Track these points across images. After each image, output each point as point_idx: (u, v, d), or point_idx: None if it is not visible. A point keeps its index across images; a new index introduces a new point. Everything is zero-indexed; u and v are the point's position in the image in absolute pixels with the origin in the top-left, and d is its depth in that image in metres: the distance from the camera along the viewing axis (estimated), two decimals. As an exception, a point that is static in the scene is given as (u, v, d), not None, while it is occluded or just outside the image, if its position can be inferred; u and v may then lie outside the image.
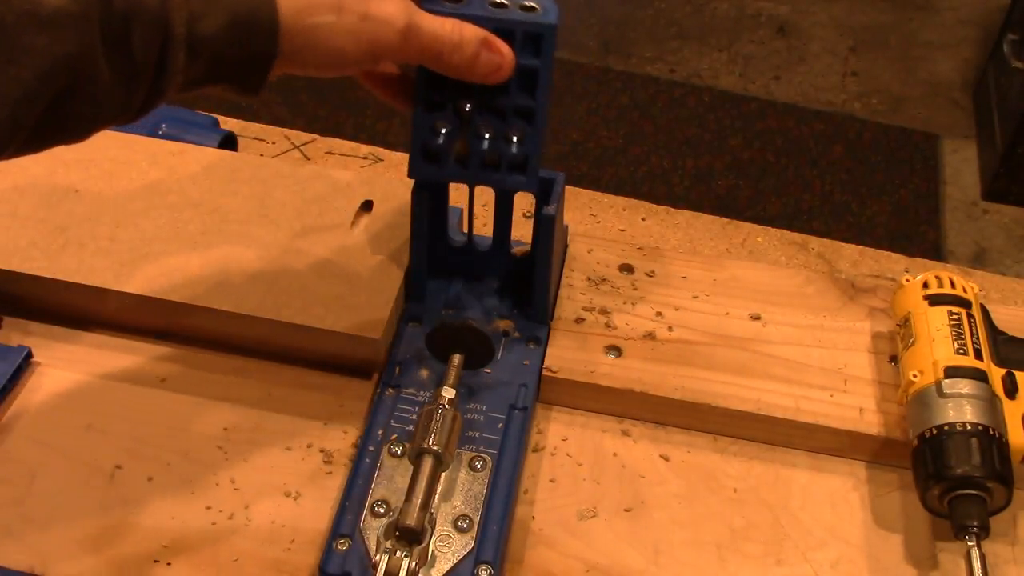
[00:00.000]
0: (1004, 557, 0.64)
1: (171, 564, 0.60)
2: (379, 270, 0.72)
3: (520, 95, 0.62)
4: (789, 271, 0.78)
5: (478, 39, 0.58)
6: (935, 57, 2.51)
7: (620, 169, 2.17)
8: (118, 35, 0.48)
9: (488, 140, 0.63)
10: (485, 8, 0.60)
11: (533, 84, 0.61)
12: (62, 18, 0.46)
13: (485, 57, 0.58)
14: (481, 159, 0.64)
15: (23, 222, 0.73)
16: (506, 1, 0.60)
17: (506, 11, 0.60)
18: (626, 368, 0.70)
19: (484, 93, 0.61)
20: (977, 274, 0.83)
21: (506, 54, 0.59)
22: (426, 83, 0.61)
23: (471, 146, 0.63)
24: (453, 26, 0.57)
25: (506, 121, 0.62)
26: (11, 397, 0.68)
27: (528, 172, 0.64)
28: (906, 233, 2.08)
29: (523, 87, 0.61)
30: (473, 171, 0.64)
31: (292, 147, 0.91)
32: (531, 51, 0.60)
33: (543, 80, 0.61)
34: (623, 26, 2.53)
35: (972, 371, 0.64)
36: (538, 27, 0.60)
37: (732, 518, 0.65)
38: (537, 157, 0.64)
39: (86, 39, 0.47)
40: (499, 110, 0.62)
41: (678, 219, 0.87)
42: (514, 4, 0.60)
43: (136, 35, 0.48)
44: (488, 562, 0.59)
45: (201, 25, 0.50)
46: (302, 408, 0.69)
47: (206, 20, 0.50)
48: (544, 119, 0.63)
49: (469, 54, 0.58)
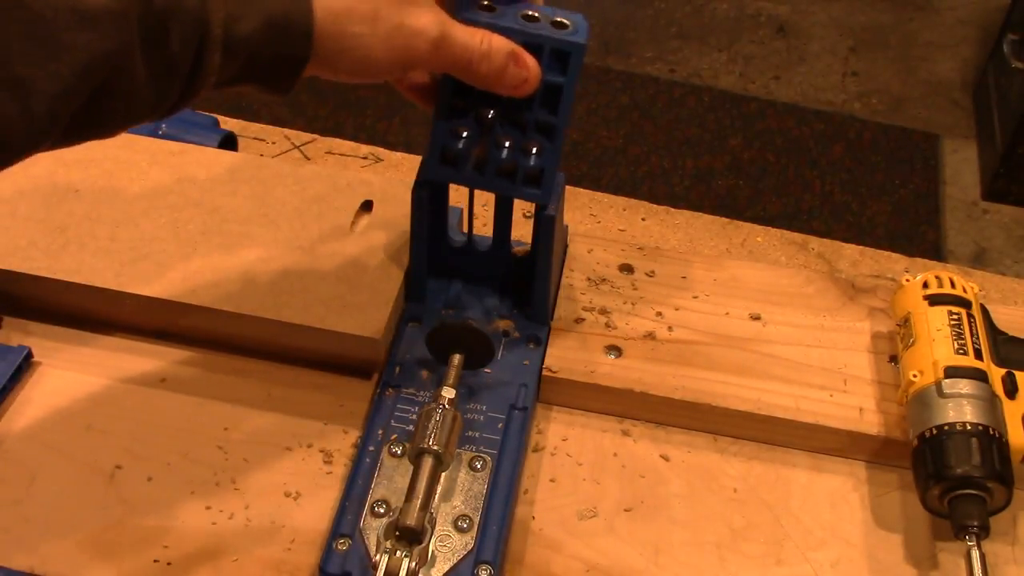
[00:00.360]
0: (1004, 557, 0.64)
1: (171, 564, 0.60)
2: (379, 270, 0.72)
3: (542, 110, 0.62)
4: (789, 271, 0.78)
5: (506, 52, 0.58)
6: (935, 57, 2.51)
7: (620, 169, 2.17)
8: (157, 34, 0.48)
9: (507, 150, 0.63)
10: (517, 21, 0.60)
11: (556, 100, 0.62)
12: (103, 15, 0.46)
13: (512, 70, 0.59)
14: (497, 167, 0.64)
15: (23, 222, 0.73)
16: (539, 15, 0.60)
17: (537, 25, 0.60)
18: (626, 368, 0.70)
19: (507, 104, 0.62)
20: (977, 274, 0.83)
21: (532, 68, 0.59)
22: (451, 88, 0.62)
23: (489, 154, 0.64)
24: (483, 37, 0.58)
25: (526, 134, 0.63)
26: (11, 397, 0.68)
27: (543, 186, 0.65)
28: (906, 233, 2.07)
29: (546, 103, 0.62)
30: (488, 178, 0.65)
31: (292, 147, 0.91)
32: (558, 68, 0.61)
33: (566, 97, 0.61)
34: (623, 26, 2.53)
35: (972, 371, 0.64)
36: (567, 45, 0.60)
37: (732, 518, 0.65)
38: (553, 172, 0.64)
39: (126, 37, 0.47)
40: (520, 122, 0.62)
41: (678, 219, 0.87)
42: (546, 19, 0.60)
43: (174, 34, 0.48)
44: (488, 562, 0.59)
45: (238, 26, 0.50)
46: (302, 408, 0.69)
47: (243, 21, 0.51)
48: (563, 135, 0.63)
49: (497, 66, 0.58)
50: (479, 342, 0.65)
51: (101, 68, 0.46)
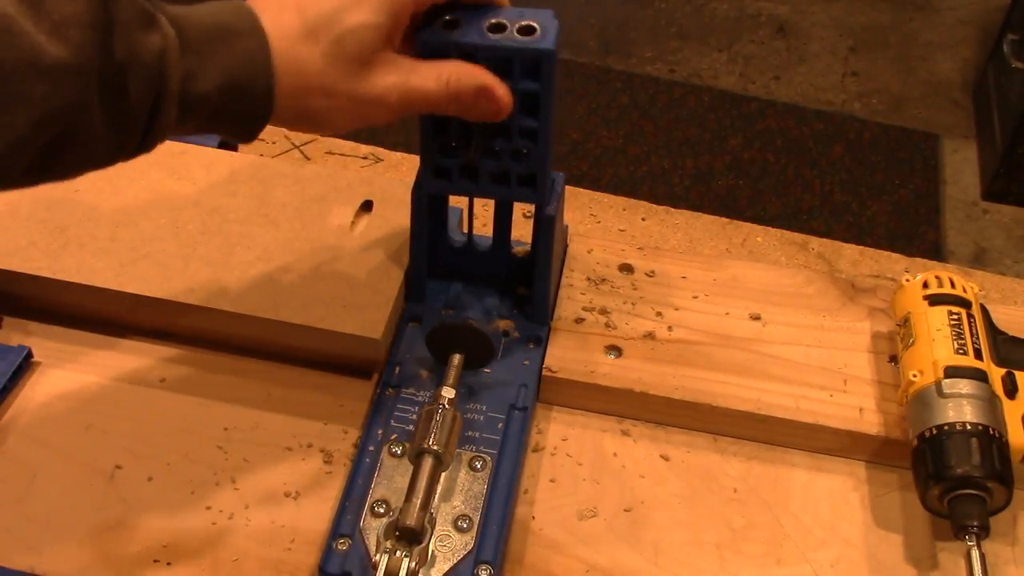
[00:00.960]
0: (1004, 557, 0.64)
1: (171, 564, 0.60)
2: (379, 270, 0.72)
3: (523, 117, 0.61)
4: (789, 271, 0.78)
5: (473, 90, 0.57)
6: (935, 57, 2.51)
7: (620, 169, 2.17)
8: (115, 87, 0.48)
9: (495, 158, 0.63)
10: (482, 35, 0.58)
11: (535, 107, 0.61)
12: (62, 69, 0.45)
13: (483, 105, 0.58)
14: (490, 174, 0.64)
15: (23, 222, 0.73)
16: (505, 22, 0.59)
17: (504, 36, 0.58)
18: (626, 368, 0.70)
19: None
20: (977, 274, 0.83)
21: (503, 99, 0.58)
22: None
23: (480, 162, 0.63)
24: (449, 77, 0.56)
25: (511, 140, 0.62)
26: (11, 397, 0.68)
27: (537, 186, 0.64)
28: (906, 233, 2.07)
29: (526, 109, 0.61)
30: (483, 185, 0.65)
31: (292, 147, 0.91)
32: (531, 76, 0.59)
33: (544, 102, 0.60)
34: (623, 26, 2.52)
35: (972, 371, 0.64)
36: (535, 54, 0.58)
37: (732, 518, 0.65)
38: (545, 173, 0.64)
39: (84, 90, 0.47)
40: (504, 129, 0.62)
41: (678, 219, 0.87)
42: (513, 25, 0.58)
43: (132, 87, 0.48)
44: (488, 562, 0.59)
45: (197, 83, 0.51)
46: (302, 408, 0.69)
47: (202, 79, 0.51)
48: (548, 136, 0.62)
49: (466, 104, 0.57)
50: (479, 342, 0.65)
51: (57, 120, 0.46)
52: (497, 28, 0.58)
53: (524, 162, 0.63)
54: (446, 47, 0.58)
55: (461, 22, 0.58)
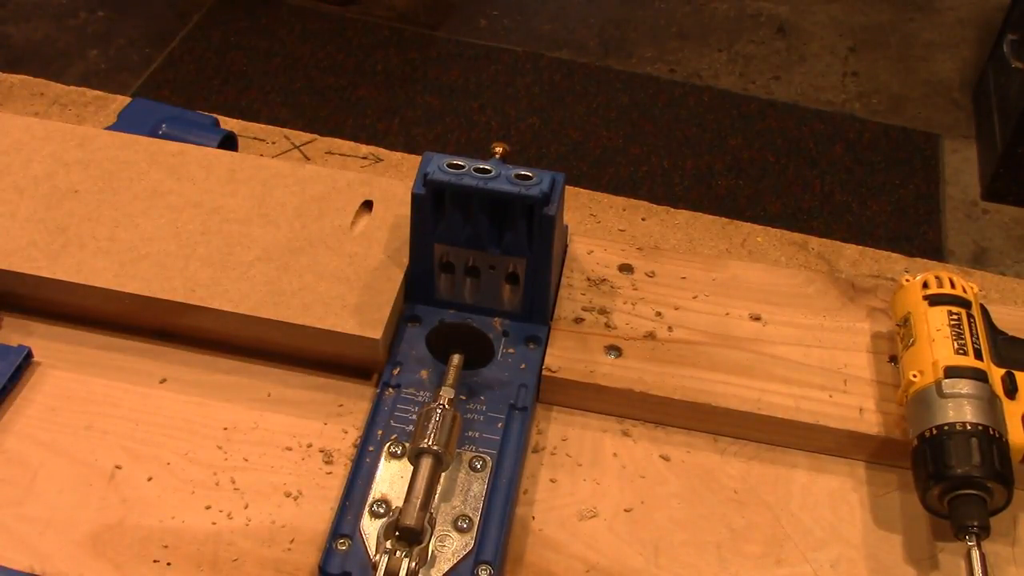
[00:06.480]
0: (1004, 557, 0.64)
1: (171, 564, 0.60)
2: (379, 270, 0.72)
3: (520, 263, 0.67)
4: (789, 271, 0.78)
5: None
6: (935, 57, 2.51)
7: (620, 169, 2.17)
8: None
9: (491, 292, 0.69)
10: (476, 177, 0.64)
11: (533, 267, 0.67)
12: None
13: None
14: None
15: (23, 222, 0.73)
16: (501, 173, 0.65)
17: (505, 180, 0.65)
18: (626, 368, 0.70)
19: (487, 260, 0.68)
20: (977, 274, 0.83)
21: None
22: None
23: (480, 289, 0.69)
24: None
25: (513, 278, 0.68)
26: (11, 397, 0.68)
27: (538, 314, 0.71)
28: (906, 233, 2.07)
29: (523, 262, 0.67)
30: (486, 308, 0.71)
31: (292, 147, 0.91)
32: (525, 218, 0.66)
33: (541, 251, 0.66)
34: (623, 26, 2.52)
35: (972, 371, 0.64)
36: (529, 199, 0.65)
37: (732, 518, 0.65)
38: (544, 300, 0.69)
39: None
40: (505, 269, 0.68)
41: (678, 219, 0.87)
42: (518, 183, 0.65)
43: None
44: (488, 562, 0.59)
45: None
46: (302, 408, 0.69)
47: None
48: (548, 269, 0.68)
49: None
50: (479, 342, 0.65)
51: None
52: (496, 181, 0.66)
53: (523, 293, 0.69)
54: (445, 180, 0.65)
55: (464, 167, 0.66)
